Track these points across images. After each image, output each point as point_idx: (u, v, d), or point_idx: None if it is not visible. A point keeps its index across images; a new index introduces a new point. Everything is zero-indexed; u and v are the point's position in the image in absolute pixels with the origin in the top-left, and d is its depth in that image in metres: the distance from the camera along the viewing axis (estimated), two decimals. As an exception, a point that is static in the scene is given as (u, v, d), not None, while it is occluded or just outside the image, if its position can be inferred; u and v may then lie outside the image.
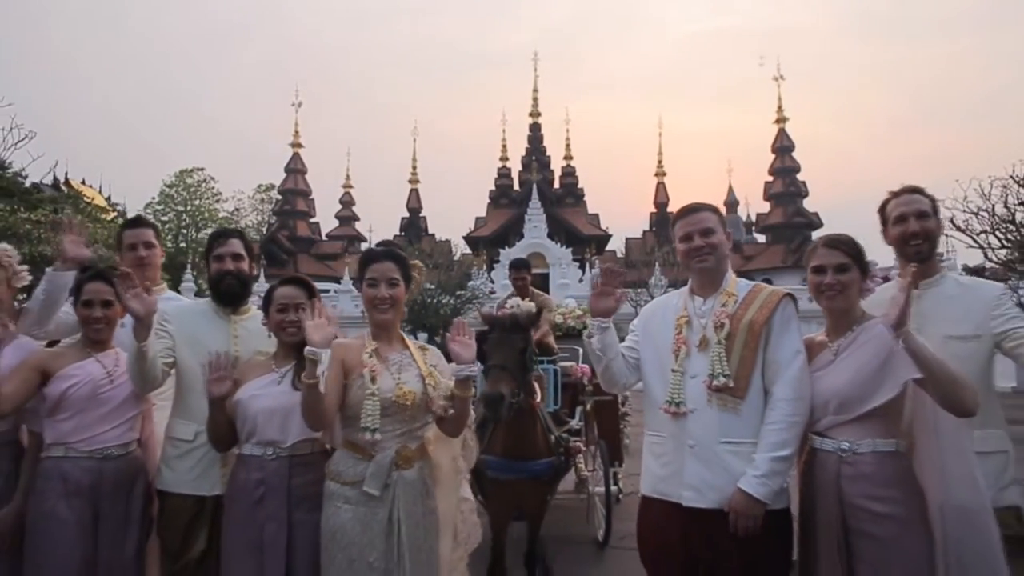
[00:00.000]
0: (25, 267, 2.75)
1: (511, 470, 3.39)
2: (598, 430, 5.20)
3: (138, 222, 3.11)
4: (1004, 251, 16.66)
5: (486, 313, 3.24)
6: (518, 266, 5.78)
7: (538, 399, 3.63)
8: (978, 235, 17.39)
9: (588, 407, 5.12)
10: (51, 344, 2.80)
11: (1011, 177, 17.67)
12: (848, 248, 2.05)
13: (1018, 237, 16.94)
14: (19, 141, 17.69)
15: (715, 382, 2.05)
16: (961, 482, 1.90)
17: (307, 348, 1.99)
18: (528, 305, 3.44)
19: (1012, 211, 17.55)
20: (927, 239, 2.30)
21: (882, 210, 2.39)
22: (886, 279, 2.27)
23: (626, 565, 2.60)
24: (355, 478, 2.11)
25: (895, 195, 2.36)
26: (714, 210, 2.22)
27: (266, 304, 2.41)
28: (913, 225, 2.30)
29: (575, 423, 4.91)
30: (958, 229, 18.83)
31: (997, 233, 16.87)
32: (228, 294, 2.71)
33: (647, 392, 2.25)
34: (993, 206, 16.56)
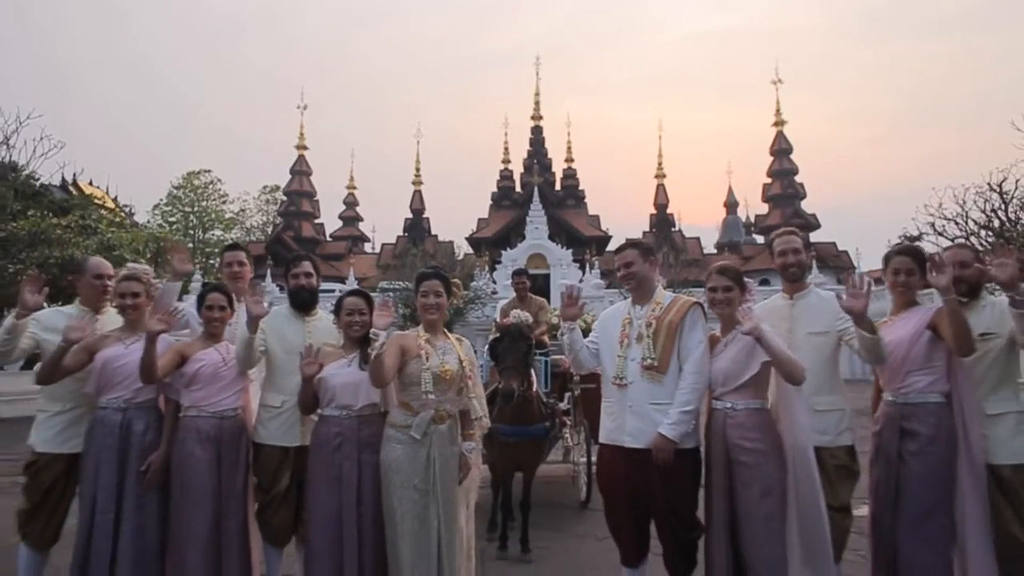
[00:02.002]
0: (158, 280, 3.73)
1: (516, 434, 4.49)
2: (584, 412, 6.21)
3: (235, 247, 4.12)
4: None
5: (499, 324, 4.37)
6: (519, 273, 6.88)
7: (535, 388, 4.75)
8: (955, 239, 18.34)
9: (575, 393, 6.13)
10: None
11: (987, 184, 18.67)
12: (732, 275, 3.06)
13: (994, 242, 17.89)
14: (48, 151, 18.64)
15: (646, 363, 3.05)
16: (800, 430, 2.91)
17: (372, 330, 2.98)
18: (526, 316, 4.51)
19: (989, 217, 18.52)
20: (799, 266, 3.32)
21: (770, 244, 3.39)
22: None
23: (603, 521, 3.47)
24: (405, 425, 3.11)
25: (779, 235, 3.38)
26: (635, 245, 3.25)
27: (337, 310, 3.42)
28: (790, 258, 3.32)
29: (564, 406, 5.96)
30: (938, 234, 19.82)
31: (972, 239, 17.82)
32: (303, 302, 3.72)
33: (603, 371, 3.26)
34: (967, 212, 17.51)
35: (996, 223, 17.44)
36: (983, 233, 17.91)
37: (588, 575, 4.16)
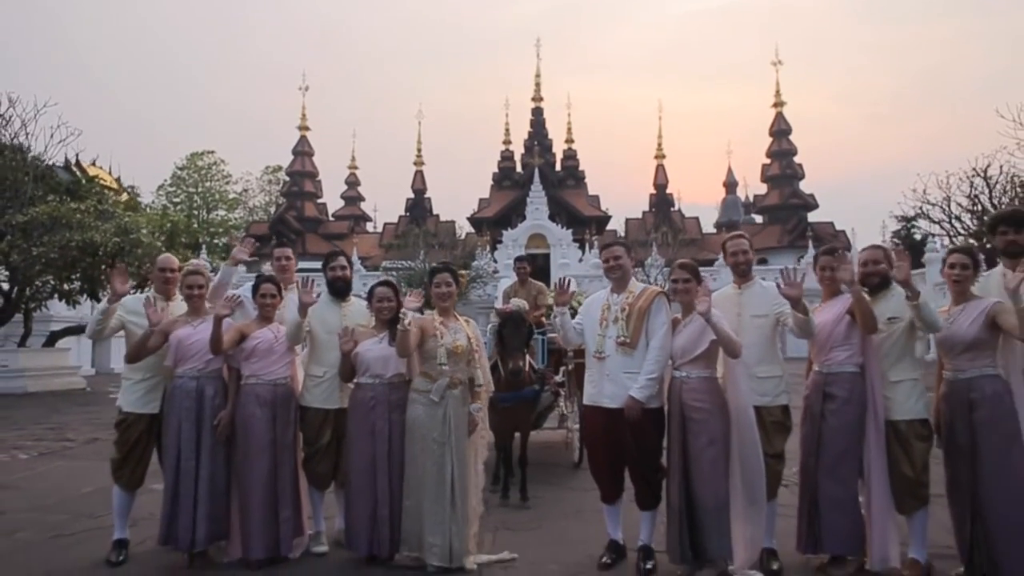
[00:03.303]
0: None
1: (510, 399, 5.25)
2: (577, 384, 6.99)
3: (282, 245, 4.85)
4: (960, 238, 18.32)
5: (501, 311, 5.28)
6: (520, 259, 7.63)
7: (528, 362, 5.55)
8: (939, 223, 19.07)
9: (570, 367, 6.90)
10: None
11: (973, 169, 19.32)
12: (691, 270, 3.79)
13: (978, 225, 18.58)
14: (66, 138, 19.21)
15: (620, 340, 3.80)
16: (741, 393, 3.66)
17: (402, 310, 3.73)
18: (523, 303, 5.31)
19: (973, 201, 19.19)
20: (747, 263, 4.04)
21: (723, 245, 4.13)
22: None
23: (592, 478, 4.28)
24: (426, 390, 3.88)
25: (730, 239, 4.11)
26: (622, 243, 3.97)
27: (369, 298, 4.18)
28: (740, 257, 4.04)
29: (559, 378, 6.75)
30: (926, 218, 20.53)
31: (955, 223, 18.53)
32: (339, 291, 4.47)
33: (586, 347, 4.01)
34: (949, 198, 18.20)
35: (978, 207, 18.10)
36: (966, 217, 18.60)
37: (575, 516, 4.94)
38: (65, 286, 17.97)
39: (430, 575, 3.79)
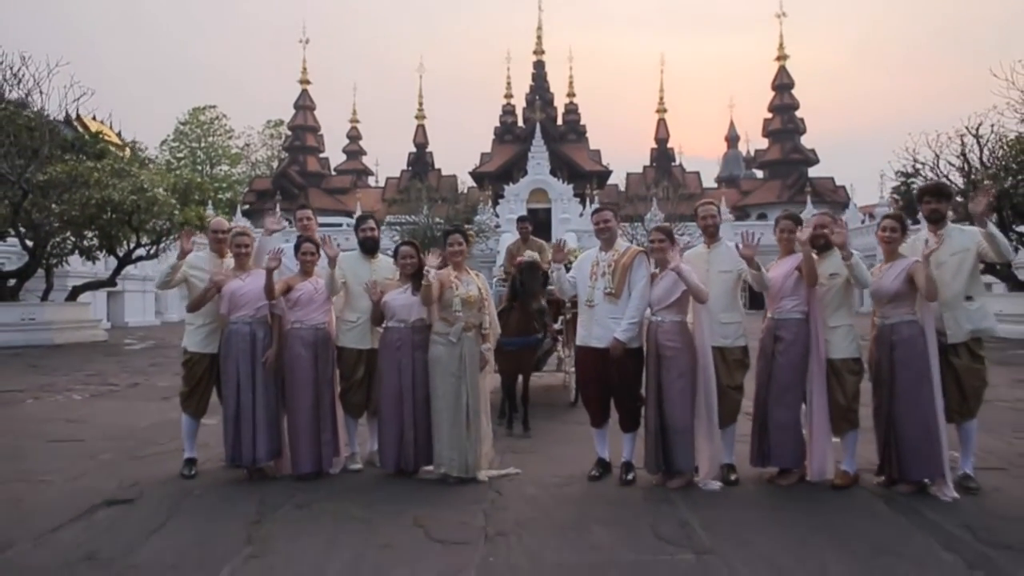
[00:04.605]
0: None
1: (515, 344, 6.03)
2: (574, 331, 7.76)
3: (304, 207, 5.56)
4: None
5: (517, 263, 6.11)
6: (523, 220, 8.30)
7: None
8: (929, 180, 19.57)
9: (567, 317, 7.68)
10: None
11: (966, 128, 19.72)
12: (666, 232, 4.50)
13: (966, 184, 19.10)
14: (80, 97, 19.62)
15: (607, 291, 4.54)
16: (704, 336, 4.43)
17: (425, 268, 4.48)
18: (533, 255, 6.09)
19: (962, 161, 19.64)
20: (715, 227, 4.76)
21: (696, 210, 4.83)
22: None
23: (586, 415, 5.07)
24: (445, 332, 4.65)
25: (701, 205, 4.81)
26: (611, 209, 4.70)
27: (395, 255, 4.92)
28: (709, 221, 4.74)
29: (557, 326, 7.54)
30: (920, 176, 21.02)
31: (945, 180, 19.04)
32: (368, 248, 5.20)
33: (579, 297, 4.77)
34: (937, 157, 18.69)
35: (967, 167, 18.58)
36: (955, 175, 19.09)
37: (570, 443, 5.75)
38: (84, 242, 18.70)
39: (450, 485, 4.61)
